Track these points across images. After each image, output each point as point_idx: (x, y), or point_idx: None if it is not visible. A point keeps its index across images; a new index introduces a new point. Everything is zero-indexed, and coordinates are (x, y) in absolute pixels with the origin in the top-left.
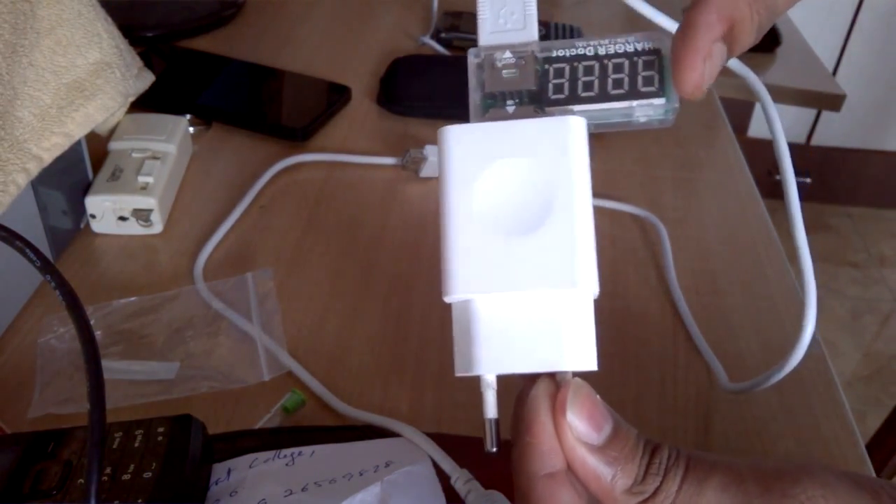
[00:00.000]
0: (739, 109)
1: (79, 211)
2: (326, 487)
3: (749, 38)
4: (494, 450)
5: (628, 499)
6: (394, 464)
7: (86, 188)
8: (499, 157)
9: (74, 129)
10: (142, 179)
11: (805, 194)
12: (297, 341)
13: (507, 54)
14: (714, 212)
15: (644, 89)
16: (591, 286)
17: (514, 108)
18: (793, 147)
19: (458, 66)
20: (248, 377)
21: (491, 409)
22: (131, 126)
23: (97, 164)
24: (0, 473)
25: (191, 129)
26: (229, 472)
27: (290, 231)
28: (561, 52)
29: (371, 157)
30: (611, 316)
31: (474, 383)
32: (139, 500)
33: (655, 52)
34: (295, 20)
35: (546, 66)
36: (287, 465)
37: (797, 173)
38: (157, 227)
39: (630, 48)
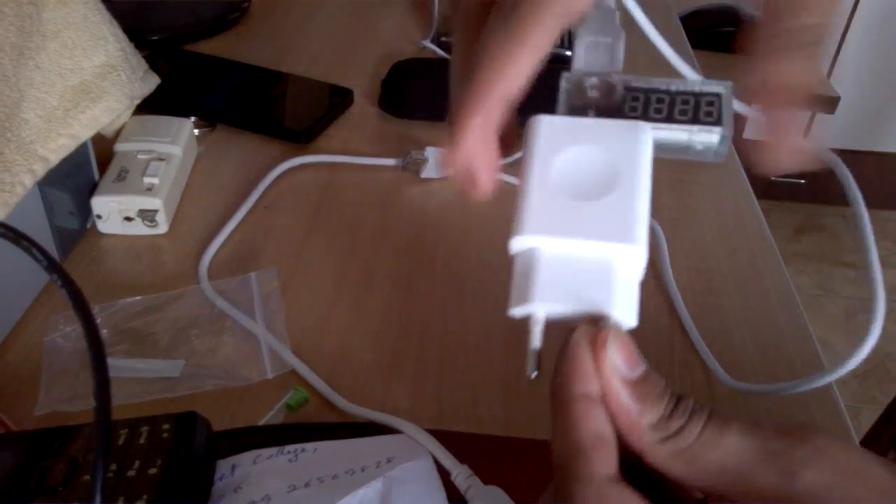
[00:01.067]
0: (735, 113)
1: (85, 211)
2: (329, 483)
3: None
4: (534, 375)
5: (653, 434)
6: (395, 459)
7: (92, 189)
8: (578, 142)
9: (80, 130)
10: (147, 180)
11: (799, 195)
12: (300, 339)
13: (594, 79)
14: (710, 212)
15: (704, 119)
16: (644, 248)
17: (593, 116)
18: None
19: None
20: (252, 375)
21: (536, 341)
22: (137, 128)
23: (103, 165)
24: (6, 470)
25: (196, 130)
26: (233, 468)
27: (294, 231)
28: (638, 84)
29: (373, 158)
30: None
31: (474, 383)
32: (144, 497)
33: (717, 95)
34: (298, 24)
35: (624, 92)
36: (290, 461)
37: (792, 174)
38: (163, 227)
39: (696, 89)
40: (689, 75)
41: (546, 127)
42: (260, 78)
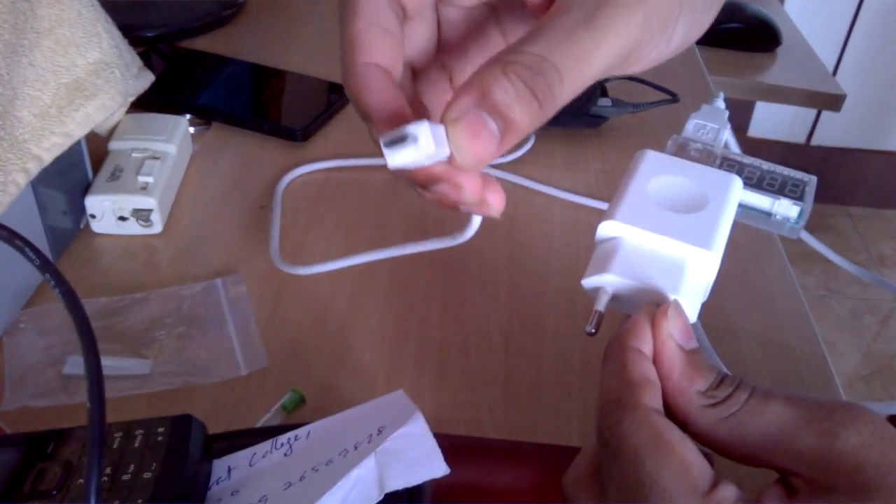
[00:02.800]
0: (739, 109)
1: (79, 211)
2: (324, 471)
3: None
4: (593, 331)
5: (701, 399)
6: (386, 428)
7: (86, 188)
8: (677, 173)
9: (74, 128)
10: (142, 179)
11: None
12: (297, 340)
13: (699, 144)
14: None
15: (789, 193)
16: (718, 255)
17: None
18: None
19: None
20: (225, 372)
21: (601, 305)
22: (131, 126)
23: (97, 164)
24: (0, 474)
25: (191, 129)
26: (229, 470)
27: (291, 231)
28: (735, 158)
29: (370, 158)
30: (613, 315)
31: (474, 384)
32: (139, 501)
33: (803, 181)
34: (295, 20)
35: (722, 160)
36: (286, 454)
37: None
38: (157, 227)
39: (785, 173)
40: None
41: (650, 157)
42: (256, 75)
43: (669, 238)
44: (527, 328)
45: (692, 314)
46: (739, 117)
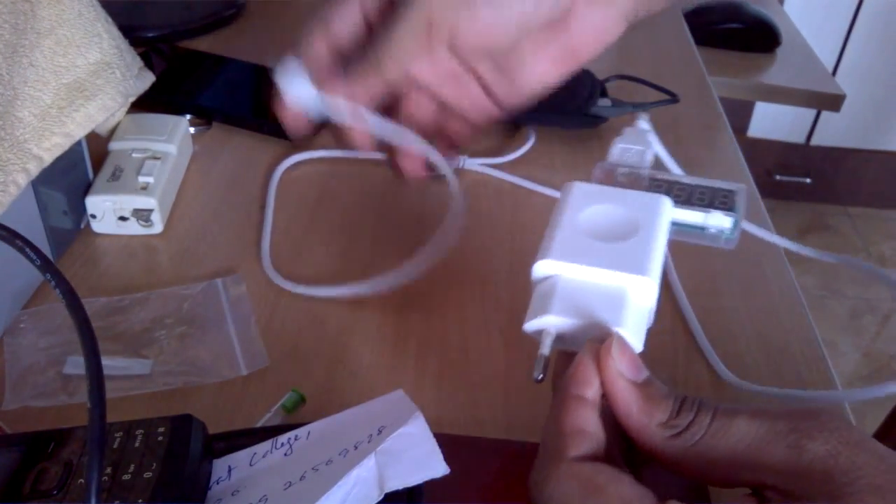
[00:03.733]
0: (739, 109)
1: (79, 211)
2: (324, 471)
3: None
4: (540, 377)
5: (663, 431)
6: (386, 428)
7: (86, 188)
8: (606, 202)
9: (75, 129)
10: (142, 179)
11: (805, 194)
12: (298, 340)
13: (625, 169)
14: None
15: (719, 205)
16: (655, 282)
17: None
18: (792, 147)
19: None
20: (226, 372)
21: (546, 349)
22: (132, 126)
23: (97, 164)
24: (0, 473)
25: (191, 129)
26: (230, 470)
27: (291, 229)
28: (663, 178)
29: (371, 154)
30: None
31: (474, 384)
32: (139, 501)
33: (732, 191)
34: (295, 20)
35: (650, 182)
36: (286, 454)
37: (797, 173)
38: (158, 227)
39: (714, 186)
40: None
41: (578, 189)
42: (257, 75)
43: (606, 269)
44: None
45: (638, 343)
46: (739, 118)
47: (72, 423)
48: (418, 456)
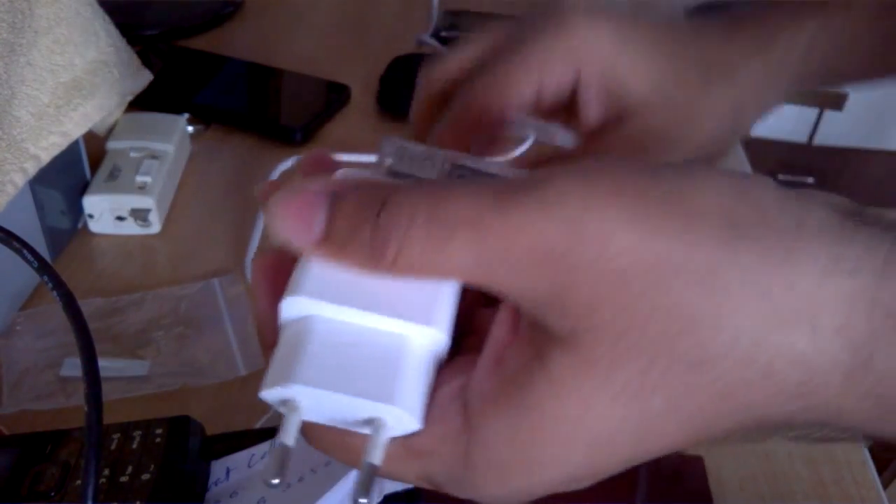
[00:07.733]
0: None
1: (76, 211)
2: (322, 472)
3: None
4: (276, 482)
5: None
6: None
7: (84, 188)
8: None
9: (72, 128)
10: (140, 179)
11: None
12: None
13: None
14: None
15: None
16: (443, 333)
17: None
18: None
19: None
20: (224, 373)
21: (289, 435)
22: (129, 125)
23: (95, 163)
24: None
25: (189, 128)
26: (228, 471)
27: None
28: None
29: (371, 155)
30: None
31: None
32: (137, 502)
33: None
34: (294, 19)
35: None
36: None
37: (799, 173)
38: (155, 226)
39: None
40: None
41: None
42: (255, 74)
43: (378, 315)
44: None
45: (415, 420)
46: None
47: (69, 424)
48: None
